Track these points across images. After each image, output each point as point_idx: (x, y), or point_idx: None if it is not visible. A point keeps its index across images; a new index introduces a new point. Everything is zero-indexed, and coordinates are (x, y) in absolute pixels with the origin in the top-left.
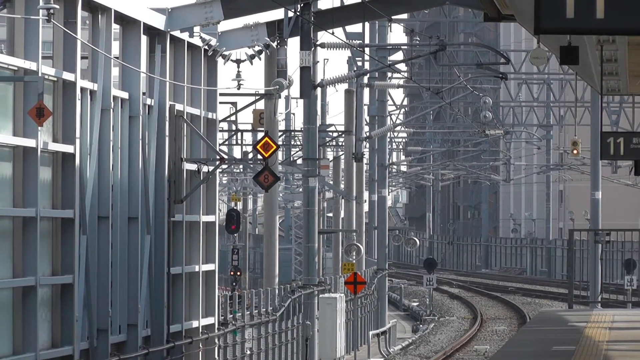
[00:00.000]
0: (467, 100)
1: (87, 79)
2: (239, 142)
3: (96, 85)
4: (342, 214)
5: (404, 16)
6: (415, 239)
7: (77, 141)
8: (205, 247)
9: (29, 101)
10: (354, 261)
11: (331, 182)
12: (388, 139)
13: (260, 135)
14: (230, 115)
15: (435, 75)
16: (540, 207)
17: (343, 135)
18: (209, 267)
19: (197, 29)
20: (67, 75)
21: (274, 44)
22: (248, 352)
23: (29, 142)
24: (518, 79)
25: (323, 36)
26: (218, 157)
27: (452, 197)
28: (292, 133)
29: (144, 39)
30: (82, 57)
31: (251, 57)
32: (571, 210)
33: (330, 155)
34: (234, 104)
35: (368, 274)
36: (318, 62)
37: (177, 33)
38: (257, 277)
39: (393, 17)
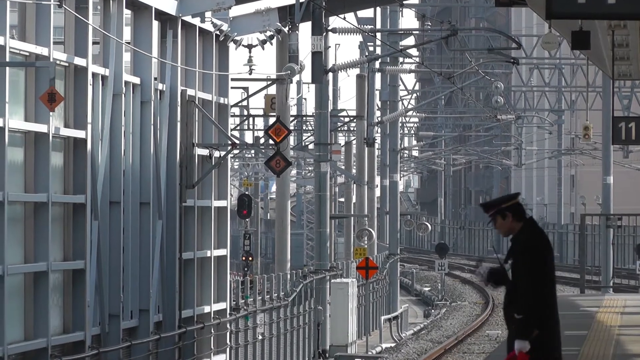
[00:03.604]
0: (479, 85)
1: (99, 64)
2: (251, 127)
3: (108, 70)
4: (353, 199)
5: (415, 1)
6: (426, 223)
7: (89, 126)
8: (216, 232)
9: (40, 86)
10: (366, 246)
11: (343, 167)
12: (399, 124)
13: (271, 120)
14: (242, 100)
15: (446, 60)
16: (552, 192)
17: (355, 120)
18: (221, 252)
19: (208, 14)
20: (79, 61)
21: (286, 29)
22: (260, 337)
23: (41, 128)
24: (529, 63)
25: (334, 21)
26: (230, 142)
27: (464, 182)
28: (304, 118)
29: (155, 24)
30: (94, 43)
31: (263, 42)
32: (583, 195)
33: (342, 140)
34: (246, 89)
35: (380, 259)
36: (329, 47)
37: (188, 18)
38: (268, 262)
39: (404, 2)
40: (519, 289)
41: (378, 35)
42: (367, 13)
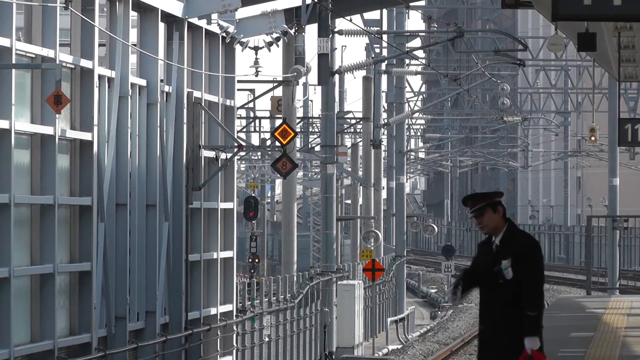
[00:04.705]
0: (485, 87)
1: (105, 66)
2: (257, 129)
3: (114, 72)
4: (360, 201)
5: (422, 3)
6: (433, 225)
7: (95, 128)
8: (223, 234)
9: (46, 88)
10: (372, 248)
11: (349, 169)
12: (406, 126)
13: (278, 122)
14: (248, 102)
15: (453, 62)
16: (558, 194)
17: (361, 122)
18: (227, 254)
19: (214, 16)
20: (85, 63)
21: (292, 31)
22: (266, 339)
23: (47, 130)
24: (536, 65)
25: (341, 23)
26: (236, 144)
27: (470, 184)
28: (310, 120)
29: (161, 26)
30: (100, 45)
31: (269, 44)
32: (589, 196)
33: (348, 142)
34: (252, 91)
35: (386, 261)
36: (336, 49)
37: (194, 20)
38: (275, 264)
39: (411, 4)
40: (528, 286)
41: (384, 37)
42: (373, 15)
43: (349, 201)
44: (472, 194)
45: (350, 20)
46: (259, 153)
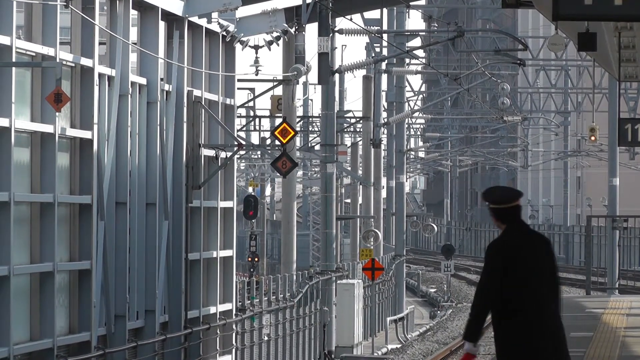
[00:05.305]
0: (485, 87)
1: (105, 64)
2: (257, 128)
3: (114, 71)
4: (359, 200)
5: (422, 2)
6: (433, 225)
7: (95, 127)
8: (223, 233)
9: (46, 87)
10: (372, 247)
11: (349, 168)
12: (406, 125)
13: (278, 121)
14: (248, 101)
15: (453, 61)
16: (558, 194)
17: (361, 122)
18: (227, 253)
19: (215, 14)
20: (85, 61)
21: (292, 30)
22: (266, 338)
23: (47, 128)
24: (536, 65)
25: (341, 22)
26: (236, 143)
27: (470, 184)
28: (310, 119)
29: (162, 24)
30: (100, 43)
31: (269, 43)
32: (589, 196)
33: (348, 141)
34: (252, 89)
35: (386, 260)
36: (336, 48)
37: (195, 19)
38: (274, 263)
39: (411, 3)
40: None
41: (384, 36)
42: (373, 14)
43: (348, 200)
44: (485, 192)
45: (351, 20)
46: (259, 152)
